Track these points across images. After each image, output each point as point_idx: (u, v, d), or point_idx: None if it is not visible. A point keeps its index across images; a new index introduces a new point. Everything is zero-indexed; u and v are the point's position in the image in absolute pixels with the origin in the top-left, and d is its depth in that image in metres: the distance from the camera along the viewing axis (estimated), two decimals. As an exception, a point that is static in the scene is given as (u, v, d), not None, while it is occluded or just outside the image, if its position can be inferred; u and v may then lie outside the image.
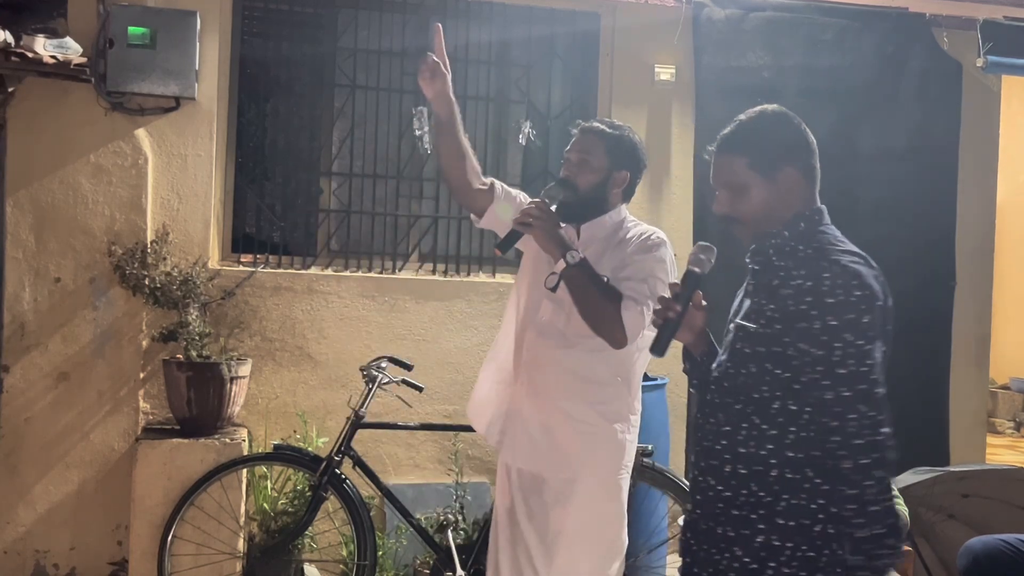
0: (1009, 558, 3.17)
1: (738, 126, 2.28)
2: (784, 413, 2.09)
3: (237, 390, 4.35)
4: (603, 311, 2.77)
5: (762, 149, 2.23)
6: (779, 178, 2.22)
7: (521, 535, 2.92)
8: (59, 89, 4.41)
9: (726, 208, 2.28)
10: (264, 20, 4.98)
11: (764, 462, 2.11)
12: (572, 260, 2.77)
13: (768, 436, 2.11)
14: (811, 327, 2.02)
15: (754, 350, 2.14)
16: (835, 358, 2.00)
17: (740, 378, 2.17)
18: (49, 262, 4.46)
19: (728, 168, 2.27)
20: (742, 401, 2.16)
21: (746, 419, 2.14)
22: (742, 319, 2.22)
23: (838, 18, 5.40)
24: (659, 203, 5.22)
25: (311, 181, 5.04)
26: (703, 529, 2.22)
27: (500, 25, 5.12)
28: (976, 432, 5.68)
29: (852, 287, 2.03)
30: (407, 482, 4.79)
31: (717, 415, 2.22)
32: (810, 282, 2.05)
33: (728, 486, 2.16)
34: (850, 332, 2.00)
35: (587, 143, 2.99)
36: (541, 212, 2.80)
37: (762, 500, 2.10)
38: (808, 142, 2.26)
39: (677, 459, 5.12)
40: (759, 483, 2.11)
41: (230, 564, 4.22)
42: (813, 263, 2.09)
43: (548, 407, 2.92)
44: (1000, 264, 6.11)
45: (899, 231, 5.34)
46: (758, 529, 2.10)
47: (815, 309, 2.02)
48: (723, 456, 2.18)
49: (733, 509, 2.14)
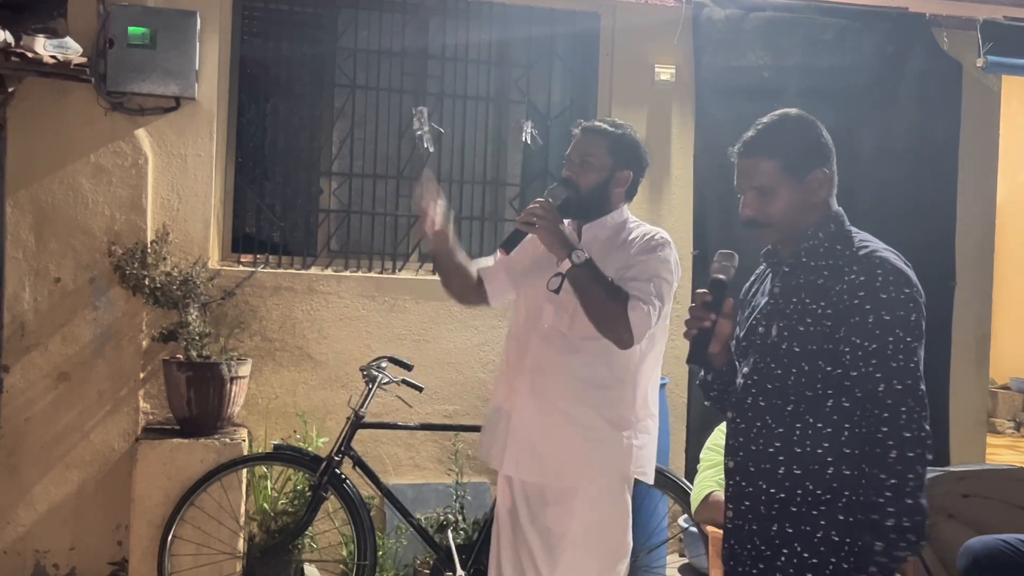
0: (1009, 558, 3.17)
1: (765, 129, 2.27)
2: (838, 410, 2.13)
3: (237, 390, 4.35)
4: (609, 311, 2.74)
5: (793, 151, 2.24)
6: (808, 180, 2.24)
7: (524, 538, 2.90)
8: (59, 89, 4.41)
9: (754, 211, 2.27)
10: (264, 20, 4.98)
11: (821, 460, 2.14)
12: (578, 260, 2.75)
13: (824, 434, 2.14)
14: (865, 321, 2.08)
15: (804, 348, 2.16)
16: (888, 351, 2.06)
17: (791, 378, 2.18)
18: (49, 262, 4.45)
19: (757, 171, 2.25)
20: (793, 401, 2.17)
21: (800, 419, 2.16)
22: (770, 320, 2.23)
23: (838, 18, 5.40)
24: (659, 203, 5.22)
25: (311, 181, 5.04)
26: (752, 531, 2.23)
27: (500, 25, 5.12)
28: (976, 432, 5.68)
29: (902, 284, 2.10)
30: (407, 482, 4.79)
31: (764, 418, 2.22)
32: (863, 277, 2.10)
33: (782, 487, 2.18)
34: (900, 328, 2.07)
35: (589, 143, 2.96)
36: (545, 211, 2.78)
37: (821, 498, 2.14)
38: (830, 144, 2.30)
39: (677, 459, 5.12)
40: (816, 482, 2.14)
41: (230, 564, 4.22)
42: (864, 260, 2.13)
43: (552, 413, 2.88)
44: (1000, 264, 6.11)
45: (899, 231, 5.25)
46: (820, 525, 2.13)
47: (868, 303, 2.08)
48: (777, 458, 2.19)
49: (791, 506, 2.16)
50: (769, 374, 2.22)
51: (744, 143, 2.29)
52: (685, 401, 5.23)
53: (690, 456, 5.15)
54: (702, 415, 5.13)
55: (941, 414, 5.50)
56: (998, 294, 6.01)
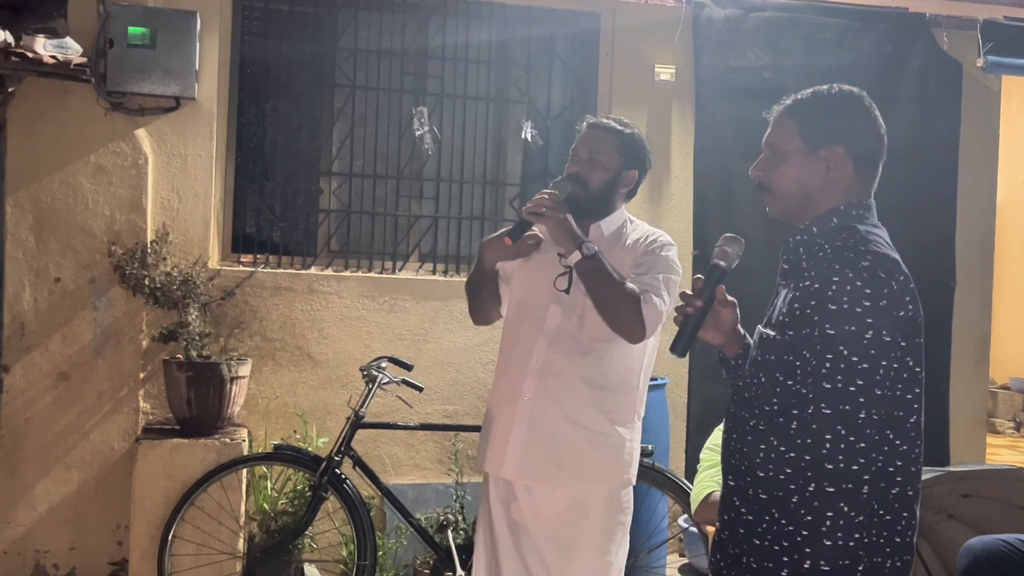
0: (1009, 558, 3.17)
1: (811, 92, 2.10)
2: (801, 432, 1.94)
3: (237, 390, 4.35)
4: (622, 303, 2.68)
5: (815, 116, 2.05)
6: (823, 154, 2.03)
7: (532, 543, 2.85)
8: (59, 89, 4.41)
9: (760, 171, 2.11)
10: (264, 20, 4.98)
11: (784, 487, 2.01)
12: (588, 252, 2.67)
13: (786, 459, 1.97)
14: (811, 334, 1.88)
15: (765, 358, 2.01)
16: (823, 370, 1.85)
17: (756, 389, 2.03)
18: (49, 262, 4.45)
19: (778, 129, 2.10)
20: (756, 416, 2.02)
21: (763, 439, 1.98)
22: (774, 320, 2.08)
23: (838, 18, 5.40)
24: (659, 203, 5.22)
25: (311, 181, 5.04)
26: (728, 552, 2.06)
27: (500, 25, 5.12)
28: (976, 432, 5.68)
29: (862, 296, 1.86)
30: (407, 482, 4.79)
31: (739, 428, 2.08)
32: (817, 284, 1.90)
33: (752, 511, 2.02)
34: (844, 344, 1.84)
35: (598, 140, 2.88)
36: (553, 202, 2.70)
37: (784, 529, 1.96)
38: (874, 131, 2.09)
39: (677, 459, 5.12)
40: (781, 510, 1.99)
41: (230, 564, 4.22)
42: (825, 266, 1.92)
43: (560, 416, 2.83)
44: (1000, 264, 6.11)
45: (899, 231, 5.20)
46: (783, 562, 1.94)
47: (817, 315, 1.88)
48: (746, 478, 2.05)
49: (755, 539, 1.99)
50: (747, 385, 2.08)
51: (787, 102, 2.12)
52: (685, 401, 5.23)
53: (690, 456, 5.15)
54: (702, 415, 5.13)
55: (941, 414, 5.51)
56: (998, 294, 6.02)
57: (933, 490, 3.76)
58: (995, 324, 5.83)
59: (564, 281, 2.82)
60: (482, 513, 3.01)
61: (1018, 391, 9.62)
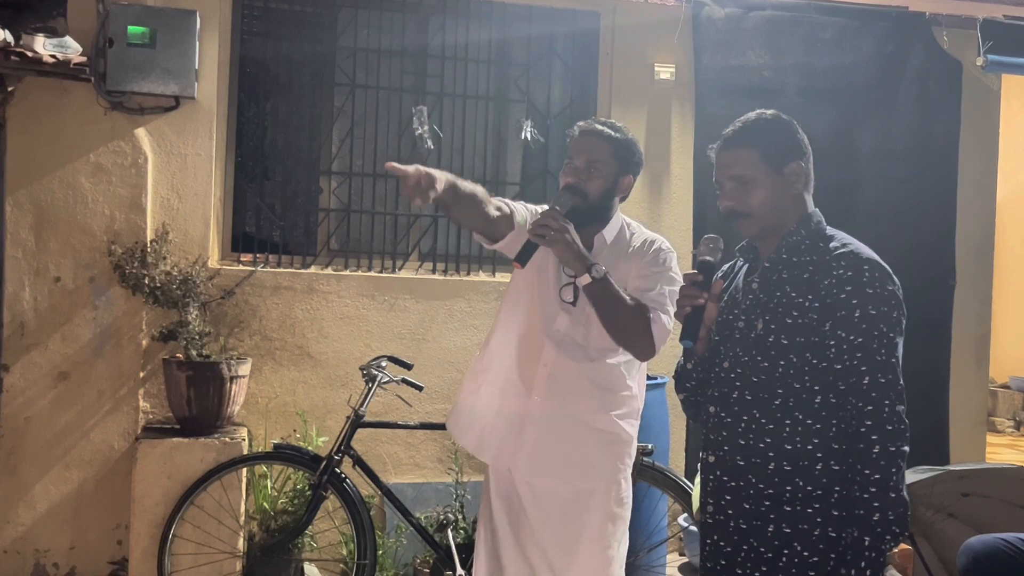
0: (1009, 557, 3.17)
1: (744, 124, 2.35)
2: (826, 406, 2.16)
3: (237, 389, 4.35)
4: (632, 325, 2.73)
5: (772, 142, 2.30)
6: (786, 172, 2.29)
7: (535, 539, 2.88)
8: (59, 88, 4.41)
9: (733, 202, 2.32)
10: (264, 19, 4.98)
11: (811, 456, 2.16)
12: (597, 275, 2.69)
13: (813, 430, 2.16)
14: (851, 315, 2.13)
15: (792, 340, 2.19)
16: (873, 345, 2.11)
17: (778, 370, 2.21)
18: (49, 262, 4.45)
19: (737, 162, 2.31)
20: (781, 395, 2.20)
21: (788, 414, 2.19)
22: (752, 314, 2.27)
23: (838, 17, 5.40)
24: (659, 203, 5.21)
25: (311, 180, 5.04)
26: (743, 529, 2.23)
27: (500, 24, 5.12)
28: (976, 431, 5.68)
29: (886, 281, 2.16)
30: (407, 481, 4.79)
31: (751, 412, 2.23)
32: (850, 272, 2.15)
33: (772, 483, 2.19)
34: (884, 323, 2.13)
35: (593, 147, 2.87)
36: (557, 222, 2.66)
37: (812, 494, 2.16)
38: (806, 143, 2.35)
39: (677, 458, 5.12)
40: (806, 478, 2.16)
41: (230, 563, 4.22)
42: (851, 256, 2.18)
43: (569, 416, 2.87)
44: (1000, 264, 6.11)
45: (899, 231, 5.33)
46: (816, 523, 2.16)
47: (855, 298, 2.13)
48: (767, 454, 2.20)
49: (784, 505, 2.18)
50: (755, 367, 2.24)
51: (724, 138, 2.37)
52: (685, 400, 5.22)
53: (690, 456, 5.15)
54: (702, 414, 5.13)
55: (941, 413, 5.51)
56: (998, 294, 6.01)
57: (933, 489, 3.77)
58: (995, 323, 5.83)
59: (570, 292, 2.85)
60: (483, 510, 3.05)
61: (1018, 390, 9.61)
